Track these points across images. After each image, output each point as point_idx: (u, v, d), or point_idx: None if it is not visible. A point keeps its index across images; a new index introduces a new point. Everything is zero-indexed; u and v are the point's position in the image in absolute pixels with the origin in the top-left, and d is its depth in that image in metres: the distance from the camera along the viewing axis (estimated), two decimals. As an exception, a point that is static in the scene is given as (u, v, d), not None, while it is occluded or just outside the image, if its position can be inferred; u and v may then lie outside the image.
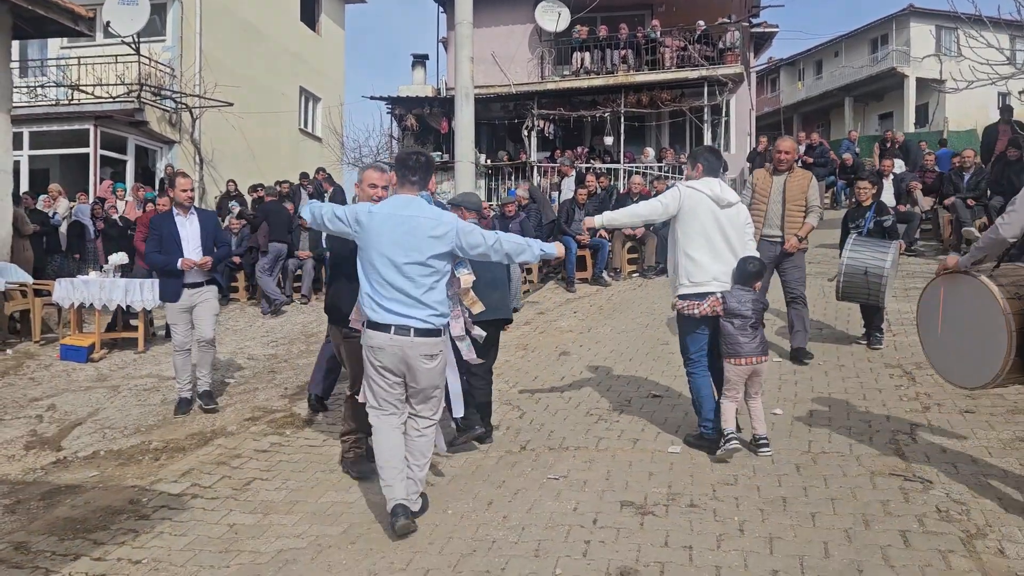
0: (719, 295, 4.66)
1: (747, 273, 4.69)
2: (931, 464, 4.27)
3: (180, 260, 6.23)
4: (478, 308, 4.24)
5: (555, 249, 4.20)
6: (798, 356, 6.58)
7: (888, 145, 15.53)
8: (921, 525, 3.57)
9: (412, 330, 3.76)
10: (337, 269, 4.74)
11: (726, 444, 4.54)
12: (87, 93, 15.01)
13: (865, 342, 6.95)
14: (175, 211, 6.47)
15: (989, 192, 10.34)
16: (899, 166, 13.09)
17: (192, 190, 6.60)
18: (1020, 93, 10.86)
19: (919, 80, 28.36)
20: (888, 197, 10.57)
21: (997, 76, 7.24)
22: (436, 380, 3.95)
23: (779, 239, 6.50)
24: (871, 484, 4.06)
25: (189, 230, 6.40)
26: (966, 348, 3.86)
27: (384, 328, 3.77)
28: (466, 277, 4.10)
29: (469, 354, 4.32)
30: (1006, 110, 11.88)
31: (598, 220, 5.05)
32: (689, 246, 4.77)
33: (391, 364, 3.81)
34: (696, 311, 4.70)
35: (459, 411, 4.49)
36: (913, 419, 5.01)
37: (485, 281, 4.96)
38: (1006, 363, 3.55)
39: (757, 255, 4.90)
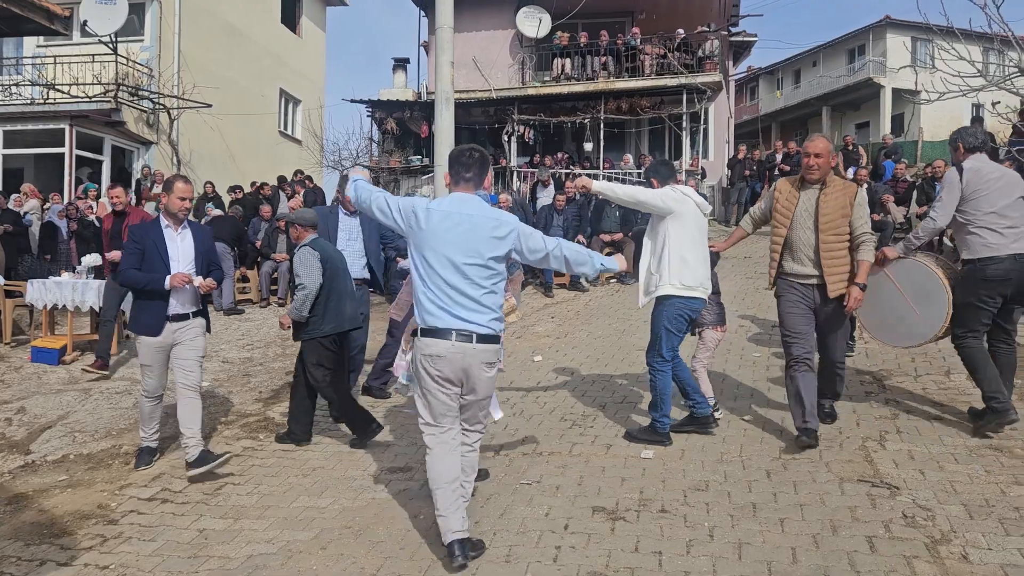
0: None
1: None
2: (899, 470, 4.33)
3: (169, 277, 4.88)
4: (514, 317, 4.14)
5: (616, 263, 4.06)
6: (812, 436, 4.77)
7: (849, 149, 15.63)
8: (887, 531, 3.61)
9: (474, 336, 3.52)
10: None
11: (716, 409, 5.29)
12: (63, 92, 14.86)
13: None
14: (164, 222, 5.04)
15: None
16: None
17: (191, 199, 5.22)
18: (992, 105, 11.05)
19: (895, 90, 28.70)
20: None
21: (969, 88, 7.35)
22: (491, 390, 3.74)
23: (815, 280, 4.76)
24: (840, 490, 4.10)
25: (180, 247, 5.03)
26: (914, 314, 5.08)
27: (445, 334, 3.52)
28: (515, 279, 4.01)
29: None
30: (976, 121, 12.10)
31: (596, 185, 4.84)
32: (684, 248, 4.86)
33: (451, 374, 3.56)
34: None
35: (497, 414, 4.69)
36: (882, 426, 5.07)
37: (338, 292, 5.41)
38: (947, 317, 4.93)
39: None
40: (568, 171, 15.88)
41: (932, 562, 3.31)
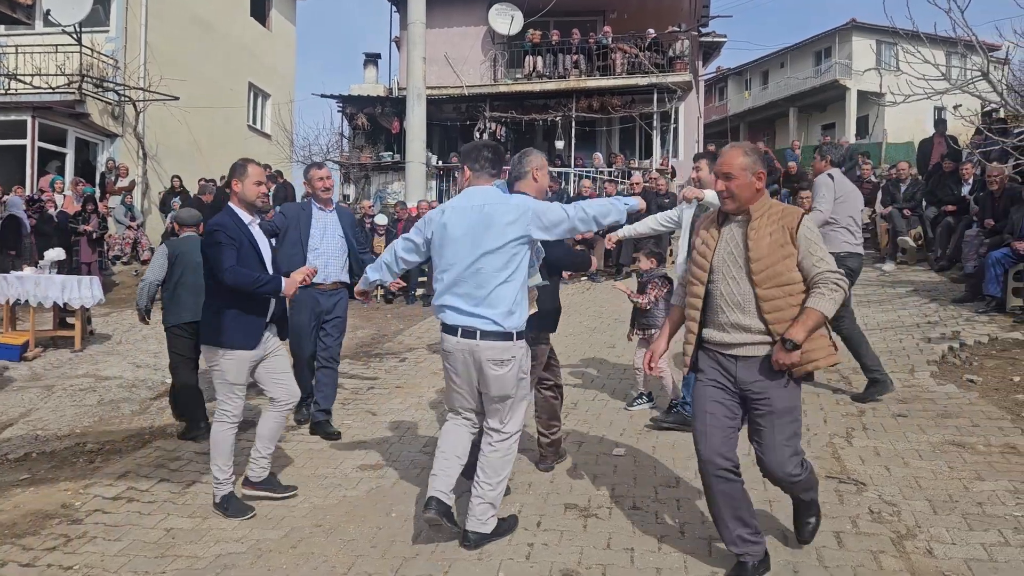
0: None
1: None
2: (865, 466, 4.40)
3: (286, 279, 4.25)
4: (533, 309, 4.02)
5: (637, 202, 3.85)
6: None
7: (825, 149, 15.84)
8: (854, 526, 3.67)
9: (478, 332, 3.48)
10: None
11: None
12: (25, 83, 14.53)
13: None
14: (244, 215, 4.27)
15: (924, 202, 10.70)
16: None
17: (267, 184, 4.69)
18: (955, 108, 11.25)
19: (860, 93, 29.17)
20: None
21: (932, 91, 7.47)
22: (507, 390, 3.59)
23: (741, 350, 3.18)
24: (808, 486, 4.15)
25: (262, 242, 4.36)
26: None
27: (452, 330, 3.54)
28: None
29: None
30: (940, 123, 12.29)
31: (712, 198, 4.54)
32: None
33: (460, 368, 3.57)
34: None
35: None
36: (849, 423, 5.15)
37: (184, 285, 5.64)
38: None
39: None
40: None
41: (898, 557, 3.36)
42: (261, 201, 4.38)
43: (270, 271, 4.26)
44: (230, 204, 4.30)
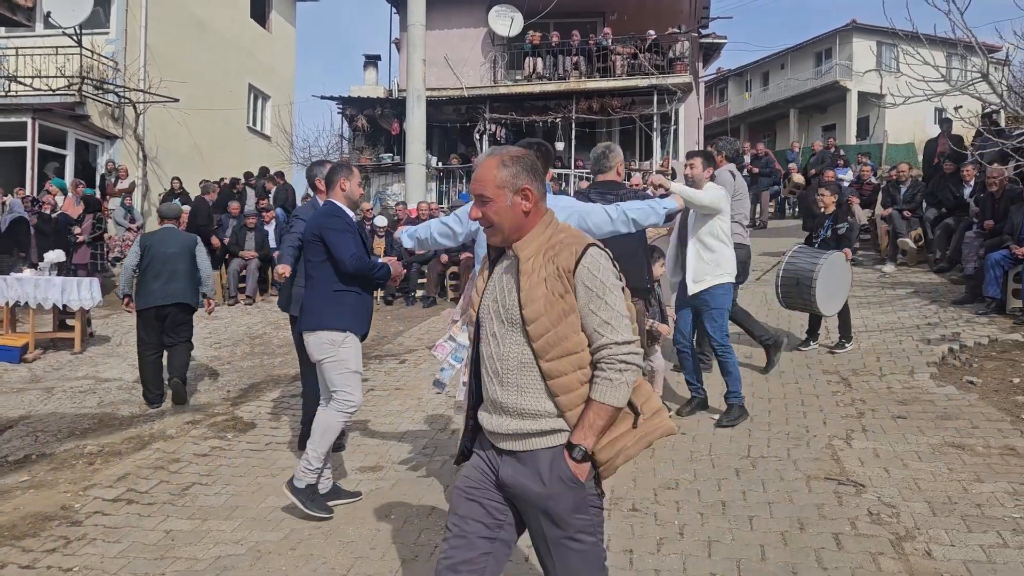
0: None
1: None
2: (864, 468, 4.40)
3: (391, 265, 4.38)
4: None
5: (676, 204, 4.00)
6: None
7: (831, 152, 15.96)
8: (853, 528, 3.67)
9: None
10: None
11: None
12: (25, 85, 14.54)
13: (807, 348, 7.13)
14: (344, 208, 4.33)
15: (924, 204, 10.69)
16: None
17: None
18: (956, 109, 11.25)
19: (861, 94, 29.17)
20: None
21: (933, 93, 7.47)
22: None
23: (511, 442, 2.49)
24: (807, 488, 4.16)
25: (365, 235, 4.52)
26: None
27: None
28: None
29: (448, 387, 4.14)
30: (945, 123, 12.22)
31: (675, 187, 4.78)
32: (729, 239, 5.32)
33: None
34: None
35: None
36: (849, 424, 5.15)
37: (153, 274, 6.46)
38: None
39: None
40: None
41: (897, 558, 3.37)
42: (361, 200, 4.56)
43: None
44: (334, 201, 4.32)
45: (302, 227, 4.68)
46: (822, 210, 7.36)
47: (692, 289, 5.23)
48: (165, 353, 6.64)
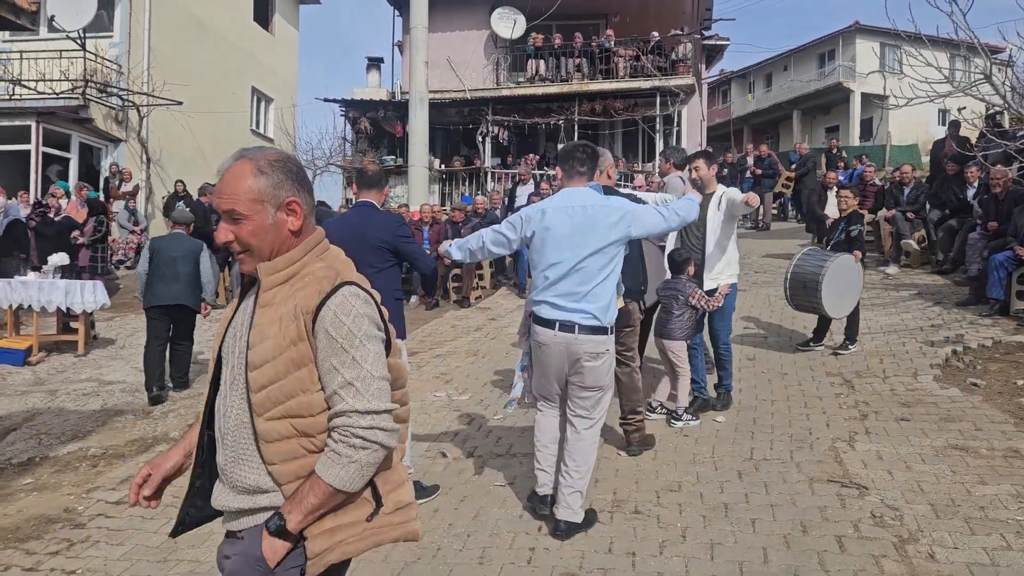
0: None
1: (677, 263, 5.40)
2: (867, 470, 4.39)
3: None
4: (620, 303, 4.11)
5: (699, 198, 4.24)
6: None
7: (833, 152, 15.98)
8: (856, 530, 3.66)
9: (577, 327, 3.65)
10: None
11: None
12: (29, 88, 14.57)
13: (807, 349, 7.13)
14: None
15: (928, 205, 10.67)
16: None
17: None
18: (959, 110, 11.22)
19: (864, 95, 29.15)
20: (832, 209, 10.83)
21: (936, 94, 7.46)
22: (600, 381, 3.76)
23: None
24: (810, 490, 4.15)
25: None
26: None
27: (550, 324, 3.69)
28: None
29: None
30: (953, 124, 12.16)
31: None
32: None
33: (553, 362, 3.74)
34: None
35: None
36: (851, 427, 5.14)
37: (158, 276, 6.81)
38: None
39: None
40: (542, 173, 15.90)
41: (900, 561, 3.36)
42: None
43: None
44: (376, 204, 4.44)
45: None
46: (843, 211, 7.36)
47: (708, 286, 5.41)
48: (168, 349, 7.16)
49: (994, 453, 4.56)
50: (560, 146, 4.13)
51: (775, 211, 15.76)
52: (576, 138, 17.10)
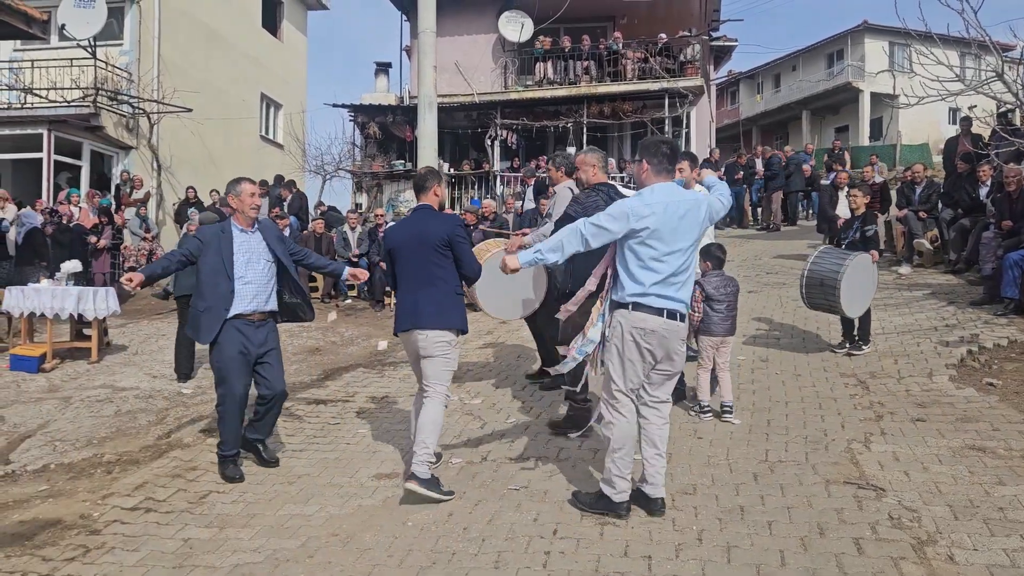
0: None
1: None
2: (884, 472, 4.36)
3: None
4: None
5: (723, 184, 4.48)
6: None
7: (836, 152, 15.92)
8: (874, 532, 3.63)
9: (678, 314, 3.86)
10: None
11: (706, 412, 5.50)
12: (41, 97, 14.69)
13: (842, 351, 7.05)
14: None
15: (940, 205, 10.61)
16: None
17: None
18: (970, 108, 11.15)
19: (873, 95, 29.06)
20: (843, 209, 10.78)
21: (947, 92, 7.42)
22: (683, 365, 4.08)
23: None
24: (826, 492, 4.12)
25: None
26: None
27: (658, 312, 3.82)
28: None
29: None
30: (965, 121, 12.08)
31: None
32: None
33: (657, 348, 3.86)
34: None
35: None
36: (867, 428, 5.11)
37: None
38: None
39: None
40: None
41: (919, 563, 3.33)
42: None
43: None
44: (431, 205, 4.71)
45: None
46: (853, 210, 7.33)
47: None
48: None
49: (1012, 453, 4.52)
50: (642, 142, 4.17)
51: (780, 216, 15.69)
52: (585, 141, 17.14)
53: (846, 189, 11.56)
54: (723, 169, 15.98)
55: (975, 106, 11.57)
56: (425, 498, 4.26)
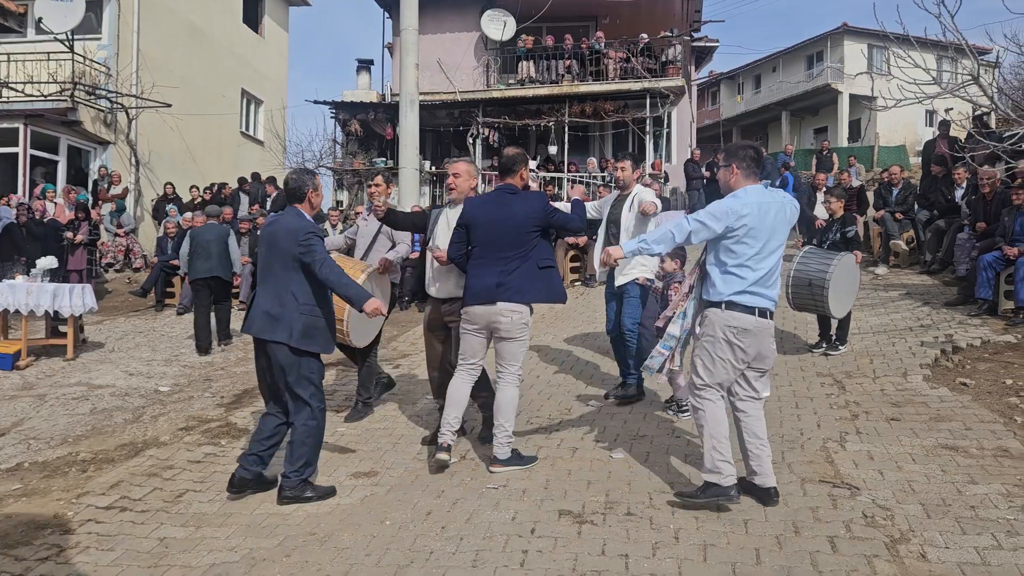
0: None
1: None
2: (859, 470, 4.40)
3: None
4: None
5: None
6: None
7: (824, 154, 16.07)
8: (848, 531, 3.67)
9: (768, 312, 3.98)
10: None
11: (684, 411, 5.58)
12: (17, 91, 14.49)
13: (819, 351, 7.12)
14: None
15: (916, 206, 10.73)
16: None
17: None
18: (946, 111, 11.30)
19: (852, 96, 29.32)
20: (821, 210, 10.88)
21: (924, 95, 7.51)
22: (775, 360, 4.20)
23: None
24: (802, 491, 4.16)
25: None
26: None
27: (751, 311, 3.92)
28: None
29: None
30: (943, 124, 12.22)
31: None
32: None
33: (750, 346, 3.95)
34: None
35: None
36: (842, 427, 5.16)
37: (202, 255, 8.84)
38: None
39: None
40: (532, 172, 15.91)
41: (892, 561, 3.37)
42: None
43: None
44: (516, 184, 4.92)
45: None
46: (829, 215, 7.42)
47: (619, 281, 5.85)
48: (212, 315, 9.04)
49: (984, 452, 4.58)
50: (727, 147, 4.29)
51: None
52: (567, 140, 17.16)
53: (823, 189, 11.67)
54: (704, 168, 16.07)
55: (951, 109, 11.72)
56: (512, 474, 4.58)
